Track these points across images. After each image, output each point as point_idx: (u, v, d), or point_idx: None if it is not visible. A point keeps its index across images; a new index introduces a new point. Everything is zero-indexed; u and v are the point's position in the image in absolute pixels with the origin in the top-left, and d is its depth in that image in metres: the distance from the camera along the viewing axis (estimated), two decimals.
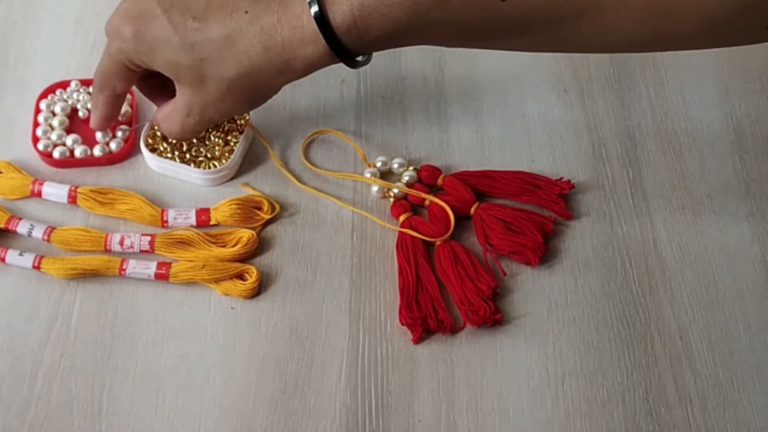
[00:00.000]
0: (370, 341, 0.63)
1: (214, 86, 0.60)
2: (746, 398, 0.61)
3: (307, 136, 0.71)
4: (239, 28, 0.58)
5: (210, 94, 0.61)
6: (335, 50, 0.57)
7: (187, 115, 0.62)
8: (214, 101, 0.61)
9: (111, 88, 0.65)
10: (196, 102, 0.61)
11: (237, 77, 0.59)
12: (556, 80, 0.75)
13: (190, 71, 0.60)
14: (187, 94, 0.61)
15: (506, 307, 0.64)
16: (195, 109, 0.62)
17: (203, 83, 0.60)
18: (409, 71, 0.76)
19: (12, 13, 0.78)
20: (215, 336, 0.63)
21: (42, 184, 0.68)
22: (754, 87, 0.75)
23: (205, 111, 0.62)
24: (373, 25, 0.56)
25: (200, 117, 0.62)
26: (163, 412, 0.60)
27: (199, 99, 0.61)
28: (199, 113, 0.62)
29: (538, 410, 0.61)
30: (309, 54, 0.58)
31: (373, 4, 0.55)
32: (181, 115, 0.63)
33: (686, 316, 0.64)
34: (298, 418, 0.60)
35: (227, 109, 0.62)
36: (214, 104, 0.61)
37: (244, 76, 0.59)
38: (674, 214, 0.69)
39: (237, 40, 0.58)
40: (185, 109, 0.62)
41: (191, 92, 0.61)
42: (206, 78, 0.60)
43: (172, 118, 0.64)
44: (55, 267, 0.64)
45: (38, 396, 0.60)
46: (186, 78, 0.60)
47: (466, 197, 0.68)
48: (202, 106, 0.62)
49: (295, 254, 0.66)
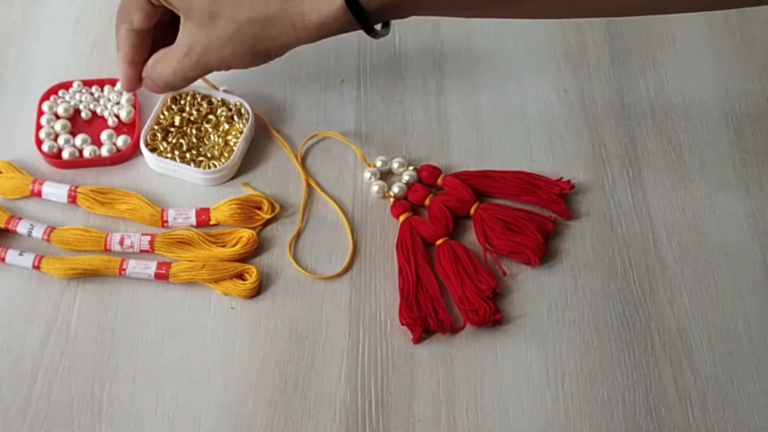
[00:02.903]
0: (370, 341, 0.63)
1: (223, 26, 0.58)
2: (746, 398, 0.61)
3: (304, 141, 0.71)
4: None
5: (216, 33, 0.59)
6: (352, 8, 0.55)
7: (185, 54, 0.61)
8: (218, 43, 0.59)
9: (129, 20, 0.63)
10: (200, 40, 0.60)
11: (249, 21, 0.58)
12: (556, 80, 0.75)
13: (203, 7, 0.58)
14: (193, 31, 0.60)
15: (506, 307, 0.64)
16: (196, 49, 0.60)
17: (213, 21, 0.58)
18: (409, 71, 0.76)
19: (12, 13, 0.78)
20: (215, 336, 0.63)
21: (42, 184, 0.68)
22: (754, 87, 0.75)
23: (205, 52, 0.60)
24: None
25: (198, 58, 0.60)
26: (163, 412, 0.60)
27: (204, 37, 0.59)
28: (198, 53, 0.60)
29: (538, 410, 0.61)
30: (325, 10, 0.56)
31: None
32: (178, 55, 0.61)
33: (686, 316, 0.64)
34: (298, 418, 0.60)
35: (228, 55, 0.60)
36: (217, 46, 0.59)
37: (256, 21, 0.57)
38: (674, 214, 0.69)
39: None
40: (185, 48, 0.60)
41: (198, 29, 0.59)
42: (217, 16, 0.58)
43: (167, 60, 0.62)
44: (55, 267, 0.64)
45: (38, 396, 0.60)
46: (196, 13, 0.59)
47: (466, 197, 0.68)
48: (204, 47, 0.60)
49: (295, 254, 0.66)
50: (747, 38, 0.78)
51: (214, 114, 0.71)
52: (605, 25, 0.78)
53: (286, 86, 0.74)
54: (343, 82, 0.75)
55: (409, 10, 0.58)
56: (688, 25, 0.78)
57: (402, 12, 0.58)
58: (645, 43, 0.78)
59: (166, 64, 0.62)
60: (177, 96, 0.71)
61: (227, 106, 0.71)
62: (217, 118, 0.71)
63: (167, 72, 0.63)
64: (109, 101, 0.72)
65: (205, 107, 0.71)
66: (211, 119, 0.71)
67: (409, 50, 0.77)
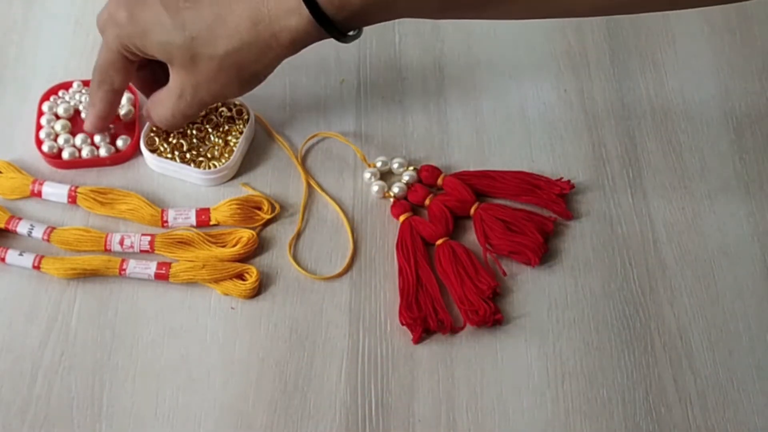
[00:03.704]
0: (370, 341, 0.63)
1: (206, 65, 0.60)
2: (746, 398, 0.61)
3: (304, 141, 0.71)
4: (228, 5, 0.59)
5: (202, 73, 0.61)
6: (319, 20, 0.57)
7: (179, 96, 0.63)
8: (206, 81, 0.61)
9: (109, 82, 0.65)
10: (188, 83, 0.62)
11: (227, 54, 0.60)
12: (556, 80, 0.75)
13: (182, 51, 0.60)
14: (180, 76, 0.62)
15: (506, 307, 0.64)
16: (187, 90, 0.62)
17: (195, 63, 0.60)
18: (409, 71, 0.76)
19: (12, 13, 0.78)
20: (215, 336, 0.63)
21: (42, 184, 0.68)
22: (754, 87, 0.75)
23: (196, 92, 0.62)
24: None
25: (192, 98, 0.63)
26: (163, 411, 0.60)
27: (191, 79, 0.61)
28: (191, 94, 0.62)
29: (538, 410, 0.61)
30: (294, 25, 0.58)
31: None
32: (173, 98, 0.63)
33: (686, 316, 0.64)
34: (298, 418, 0.60)
35: (219, 89, 0.62)
36: (206, 84, 0.62)
37: (233, 52, 0.59)
38: (674, 214, 0.69)
39: (226, 16, 0.59)
40: (177, 90, 0.63)
41: (184, 73, 0.61)
42: (198, 57, 0.60)
43: (164, 103, 0.64)
44: (55, 267, 0.64)
45: (38, 396, 0.60)
46: (178, 59, 0.61)
47: (466, 197, 0.68)
48: (194, 87, 0.62)
49: (295, 254, 0.66)
50: (747, 38, 0.78)
51: (215, 114, 0.71)
52: (605, 25, 0.78)
53: (286, 86, 0.74)
54: (343, 82, 0.75)
55: (377, 17, 0.59)
56: (688, 25, 0.78)
57: (371, 19, 0.59)
58: (645, 43, 0.78)
59: (163, 108, 0.64)
60: None
61: (227, 107, 0.71)
62: (217, 119, 0.71)
63: (166, 115, 0.65)
64: None
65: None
66: (212, 119, 0.71)
67: (409, 50, 0.77)
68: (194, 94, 0.62)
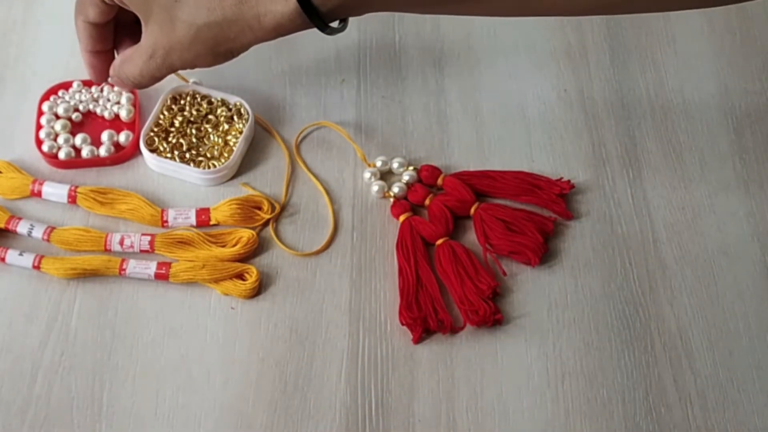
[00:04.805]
0: (370, 341, 0.63)
1: (183, 30, 0.60)
2: (746, 398, 0.61)
3: (303, 127, 0.71)
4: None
5: (177, 37, 0.60)
6: (305, 8, 0.57)
7: (150, 56, 0.62)
8: (179, 46, 0.61)
9: (84, 13, 0.64)
10: (162, 44, 0.61)
11: (207, 25, 0.59)
12: (556, 80, 0.75)
13: (162, 11, 0.60)
14: (154, 35, 0.61)
15: (506, 307, 0.64)
16: (159, 52, 0.62)
17: (173, 25, 0.60)
18: (409, 71, 0.76)
19: (12, 13, 0.78)
20: (215, 336, 0.63)
21: (42, 184, 0.68)
22: (754, 87, 0.75)
23: (168, 55, 0.62)
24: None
25: (162, 60, 0.62)
26: (163, 411, 0.60)
27: (166, 41, 0.61)
28: (162, 56, 0.62)
29: (538, 410, 0.61)
30: (279, 10, 0.58)
31: None
32: (143, 57, 0.63)
33: (686, 316, 0.64)
34: (298, 418, 0.60)
35: (191, 58, 0.62)
36: (179, 50, 0.61)
37: (214, 25, 0.59)
38: (674, 214, 0.69)
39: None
40: (149, 50, 0.62)
41: (159, 33, 0.61)
42: (177, 20, 0.60)
43: (133, 61, 0.64)
44: (55, 267, 0.64)
45: (38, 396, 0.60)
46: (156, 17, 0.60)
47: (466, 197, 0.68)
48: (167, 49, 0.61)
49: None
50: (747, 38, 0.78)
51: (214, 114, 0.71)
52: (605, 24, 0.78)
53: (286, 86, 0.74)
54: (343, 82, 0.75)
55: (363, 8, 0.59)
56: (688, 25, 0.79)
57: (357, 10, 0.59)
58: (645, 43, 0.78)
59: (132, 65, 0.64)
60: (177, 96, 0.72)
61: (227, 106, 0.71)
62: (216, 118, 0.71)
63: (134, 73, 0.64)
64: (108, 101, 0.72)
65: (204, 107, 0.71)
66: (211, 119, 0.71)
67: (409, 50, 0.77)
68: (165, 57, 0.62)
